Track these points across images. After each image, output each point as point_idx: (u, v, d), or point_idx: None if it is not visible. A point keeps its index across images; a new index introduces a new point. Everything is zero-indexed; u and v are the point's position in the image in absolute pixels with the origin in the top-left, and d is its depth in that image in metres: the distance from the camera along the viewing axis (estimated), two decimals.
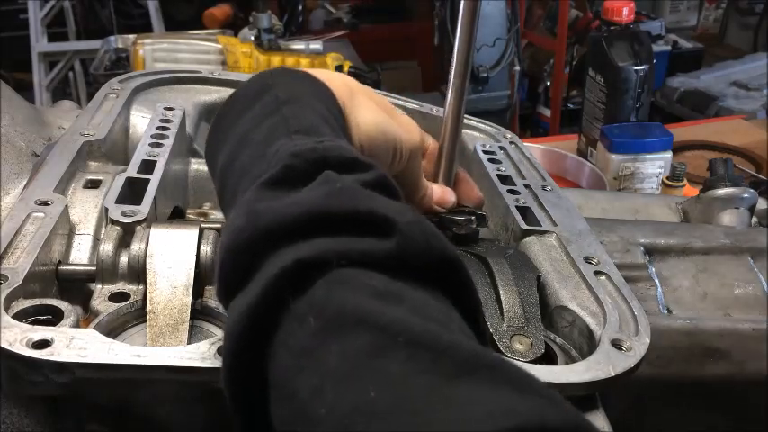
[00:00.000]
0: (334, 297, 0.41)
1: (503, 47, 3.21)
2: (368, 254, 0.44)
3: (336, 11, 4.85)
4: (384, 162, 0.68)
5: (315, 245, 0.44)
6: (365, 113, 0.67)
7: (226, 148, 0.61)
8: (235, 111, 0.63)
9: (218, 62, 2.34)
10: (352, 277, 0.43)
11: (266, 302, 0.43)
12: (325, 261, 0.43)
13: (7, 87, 0.94)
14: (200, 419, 0.60)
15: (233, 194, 0.57)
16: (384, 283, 0.43)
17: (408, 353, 0.37)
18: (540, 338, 0.66)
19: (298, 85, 0.63)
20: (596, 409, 0.60)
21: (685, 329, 0.79)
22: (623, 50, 2.00)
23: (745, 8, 5.08)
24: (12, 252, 0.63)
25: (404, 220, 0.46)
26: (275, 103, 0.60)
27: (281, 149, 0.53)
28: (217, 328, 0.65)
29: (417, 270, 0.45)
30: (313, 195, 0.48)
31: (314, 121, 0.58)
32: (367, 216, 0.46)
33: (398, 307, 0.40)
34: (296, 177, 0.51)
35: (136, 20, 4.70)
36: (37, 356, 0.52)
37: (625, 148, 1.84)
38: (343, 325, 0.39)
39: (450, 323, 0.42)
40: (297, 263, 0.43)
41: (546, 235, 0.80)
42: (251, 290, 0.44)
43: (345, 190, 0.48)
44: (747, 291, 0.86)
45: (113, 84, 1.00)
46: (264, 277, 0.43)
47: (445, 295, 0.45)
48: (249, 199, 0.50)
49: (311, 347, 0.40)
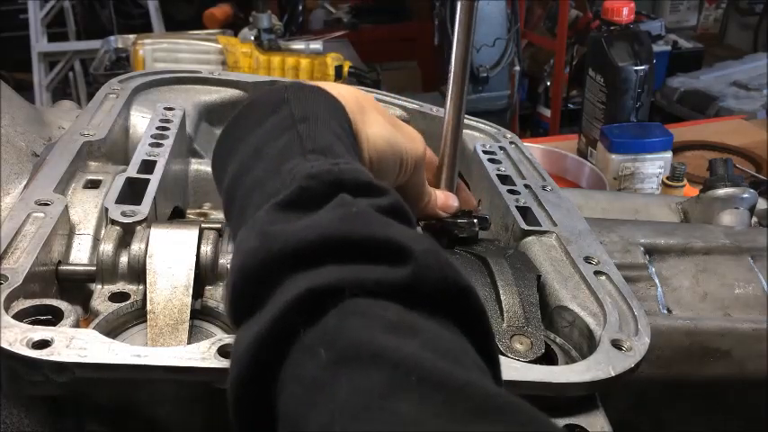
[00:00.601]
0: (347, 329, 0.41)
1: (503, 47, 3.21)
2: (382, 283, 0.44)
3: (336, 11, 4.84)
4: (392, 174, 0.69)
5: (328, 272, 0.44)
6: (374, 128, 0.67)
7: (236, 158, 0.61)
8: (248, 122, 0.63)
9: (218, 62, 2.35)
10: (366, 308, 0.42)
11: (277, 331, 0.42)
12: (338, 290, 0.43)
13: (7, 87, 0.94)
14: (199, 419, 0.60)
15: (242, 208, 0.56)
16: (398, 313, 0.42)
17: (421, 393, 0.36)
18: (540, 338, 0.66)
19: (313, 101, 0.63)
20: (596, 409, 0.60)
21: (685, 329, 0.79)
22: (623, 50, 2.00)
23: (745, 8, 5.09)
24: (12, 252, 0.63)
25: (419, 248, 0.45)
26: (290, 120, 0.60)
27: (295, 169, 0.53)
28: (217, 328, 0.65)
29: (431, 299, 0.44)
30: (328, 219, 0.47)
31: (329, 140, 0.58)
32: (382, 243, 0.46)
33: (412, 341, 0.40)
34: (311, 199, 0.50)
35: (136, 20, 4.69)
36: (37, 356, 0.52)
37: (625, 148, 1.84)
38: (355, 359, 0.39)
39: (464, 357, 0.41)
40: (309, 291, 0.42)
41: (546, 235, 0.80)
42: (262, 317, 0.43)
43: (361, 215, 0.48)
44: (747, 291, 0.86)
45: (113, 84, 1.00)
46: (276, 305, 0.43)
47: (458, 324, 0.45)
48: (263, 220, 0.49)
49: (322, 381, 0.39)
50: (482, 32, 3.14)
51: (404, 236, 0.46)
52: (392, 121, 0.71)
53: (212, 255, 0.67)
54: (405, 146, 0.69)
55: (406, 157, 0.69)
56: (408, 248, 0.45)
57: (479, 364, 0.42)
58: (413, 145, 0.71)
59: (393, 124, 0.71)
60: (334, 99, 0.65)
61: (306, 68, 2.39)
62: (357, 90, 0.71)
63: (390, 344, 0.39)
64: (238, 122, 0.64)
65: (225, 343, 0.55)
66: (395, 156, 0.68)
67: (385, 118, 0.70)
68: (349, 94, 0.68)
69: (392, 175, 0.69)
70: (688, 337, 0.79)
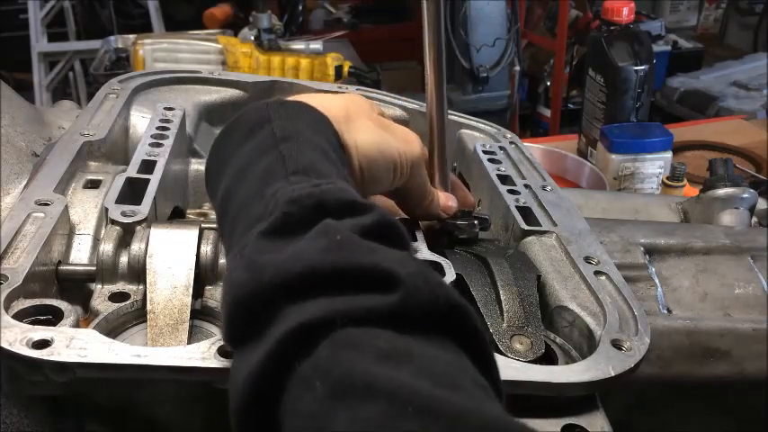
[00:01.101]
0: (340, 360, 0.41)
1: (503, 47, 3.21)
2: (372, 311, 0.44)
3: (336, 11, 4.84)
4: (386, 178, 0.69)
5: (318, 304, 0.44)
6: (362, 135, 0.67)
7: (224, 180, 0.61)
8: (231, 143, 0.63)
9: (218, 62, 2.34)
10: (357, 338, 0.42)
11: (272, 364, 0.43)
12: (328, 322, 0.43)
13: (7, 87, 0.94)
14: (200, 419, 0.60)
15: (230, 231, 0.57)
16: (391, 341, 0.42)
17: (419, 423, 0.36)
18: (540, 338, 0.66)
19: (294, 118, 0.63)
20: (596, 409, 0.60)
21: (685, 329, 0.79)
22: (623, 50, 2.00)
23: (745, 8, 5.08)
24: (12, 252, 0.63)
25: (406, 272, 0.45)
26: (272, 140, 0.60)
27: (278, 193, 0.53)
28: (217, 328, 0.65)
29: (424, 321, 0.44)
30: (312, 249, 0.48)
31: (312, 158, 0.58)
32: (369, 271, 0.46)
33: (407, 368, 0.40)
34: (295, 225, 0.50)
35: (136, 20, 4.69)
36: (37, 356, 0.52)
37: (625, 148, 1.84)
38: (350, 391, 0.39)
39: (462, 379, 0.41)
40: (301, 325, 0.43)
41: (546, 235, 0.80)
42: (257, 350, 0.44)
43: (345, 243, 0.48)
44: (747, 291, 0.86)
45: (113, 84, 1.00)
46: (269, 340, 0.43)
47: (455, 342, 0.45)
48: (250, 250, 0.50)
49: (319, 414, 0.39)
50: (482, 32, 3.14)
51: (390, 261, 0.47)
52: (384, 126, 0.70)
53: (212, 255, 0.67)
54: (398, 149, 0.69)
55: (400, 161, 0.69)
56: (395, 273, 0.45)
57: (478, 381, 0.42)
58: (407, 147, 0.70)
59: (385, 128, 0.70)
60: (317, 113, 0.64)
61: (306, 68, 2.39)
62: (343, 98, 0.71)
63: (384, 373, 0.39)
64: (223, 141, 0.65)
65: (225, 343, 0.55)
66: (387, 161, 0.68)
67: (375, 123, 0.69)
68: (333, 104, 0.67)
69: (386, 179, 0.69)
70: (688, 337, 0.79)
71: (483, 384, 0.43)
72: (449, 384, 0.40)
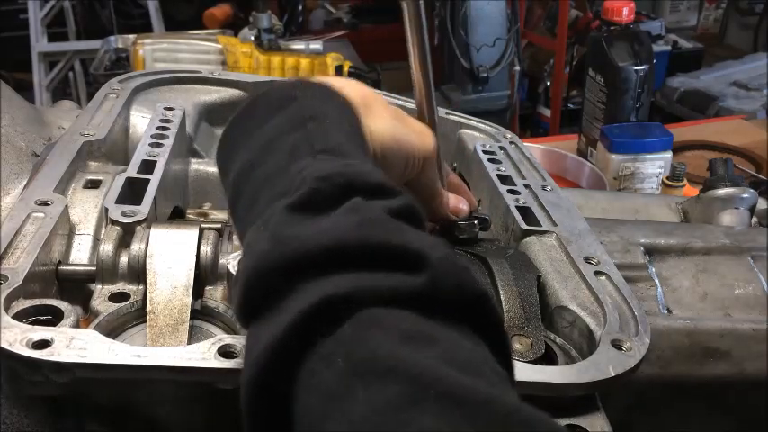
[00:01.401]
0: (364, 339, 0.40)
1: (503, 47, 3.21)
2: (399, 291, 0.43)
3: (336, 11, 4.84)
4: (398, 170, 0.68)
5: (344, 280, 0.43)
6: (379, 122, 0.66)
7: (243, 153, 0.60)
8: (256, 117, 0.62)
9: (218, 62, 2.35)
10: (383, 317, 0.42)
11: (293, 338, 0.42)
12: (354, 299, 0.42)
13: (7, 87, 0.94)
14: (200, 419, 0.60)
15: (251, 204, 0.56)
16: (415, 322, 0.42)
17: (439, 408, 0.36)
18: (540, 338, 0.66)
19: (320, 99, 0.62)
20: (596, 409, 0.60)
21: (685, 329, 0.79)
22: (623, 50, 2.00)
23: (745, 8, 5.08)
24: (12, 252, 0.63)
25: (436, 256, 0.45)
26: (300, 118, 0.59)
27: (306, 170, 0.53)
28: (217, 328, 0.65)
29: (449, 306, 0.44)
30: (343, 224, 0.47)
31: (339, 139, 0.58)
32: (399, 250, 0.45)
33: (430, 351, 0.39)
34: (323, 201, 0.50)
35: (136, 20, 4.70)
36: (37, 356, 0.52)
37: (625, 148, 1.84)
38: (372, 371, 0.38)
39: (483, 367, 0.41)
40: (325, 300, 0.42)
41: (546, 235, 0.80)
42: (277, 322, 0.43)
43: (376, 220, 0.47)
44: (747, 291, 0.86)
45: (113, 84, 1.00)
46: (291, 311, 0.42)
47: (475, 331, 0.45)
48: (274, 222, 0.49)
49: (338, 393, 0.39)
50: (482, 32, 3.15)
51: (420, 242, 0.46)
52: (399, 117, 0.70)
53: (212, 255, 0.67)
54: (412, 141, 0.68)
55: (413, 153, 0.68)
56: (425, 255, 0.45)
57: (498, 371, 0.42)
58: (421, 140, 0.70)
59: (401, 119, 0.70)
60: (341, 96, 0.64)
61: (306, 68, 2.39)
62: (362, 85, 0.70)
63: (408, 356, 0.39)
64: (246, 117, 0.64)
65: (225, 343, 0.55)
66: (401, 151, 0.67)
67: (391, 113, 0.69)
68: (354, 89, 0.67)
69: (399, 171, 0.68)
70: (688, 337, 0.79)
71: (502, 374, 0.42)
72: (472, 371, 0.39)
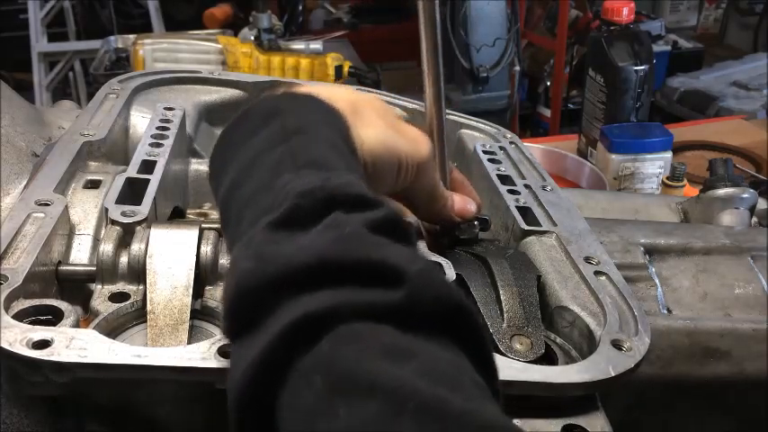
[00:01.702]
0: (342, 355, 0.41)
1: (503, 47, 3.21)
2: (377, 306, 0.43)
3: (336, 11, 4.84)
4: (390, 177, 0.67)
5: (323, 296, 0.44)
6: (369, 131, 0.66)
7: (230, 170, 0.60)
8: (241, 134, 0.62)
9: (218, 62, 2.35)
10: (361, 332, 0.42)
11: (273, 356, 0.42)
12: (332, 314, 0.42)
13: (7, 87, 0.94)
14: (200, 419, 0.60)
15: (237, 222, 0.56)
16: (393, 337, 0.42)
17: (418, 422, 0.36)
18: (540, 338, 0.66)
19: (305, 111, 0.62)
20: (596, 409, 0.60)
21: (685, 329, 0.79)
22: (623, 50, 2.00)
23: (745, 8, 5.08)
24: (12, 252, 0.63)
25: (413, 269, 0.45)
26: (283, 132, 0.59)
27: (288, 185, 0.53)
28: (217, 328, 0.65)
29: (427, 319, 0.44)
30: (321, 241, 0.47)
31: (323, 152, 0.58)
32: (377, 265, 0.45)
33: (408, 366, 0.40)
34: (304, 217, 0.50)
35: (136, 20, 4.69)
36: (37, 356, 0.52)
37: (625, 148, 1.84)
38: (351, 388, 0.39)
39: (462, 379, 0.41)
40: (305, 316, 0.42)
41: (546, 235, 0.80)
42: (258, 340, 0.43)
43: (353, 236, 0.47)
44: (747, 291, 0.86)
45: (113, 84, 1.00)
46: (271, 330, 0.43)
47: (454, 341, 0.45)
48: (257, 240, 0.49)
49: (319, 411, 0.39)
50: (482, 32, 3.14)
51: (398, 256, 0.46)
52: (392, 123, 0.69)
53: (212, 255, 0.67)
54: (404, 148, 0.68)
55: (405, 160, 0.67)
56: (402, 270, 0.45)
57: (477, 383, 0.42)
58: (414, 146, 0.69)
59: (392, 126, 0.69)
60: (328, 106, 0.64)
61: (306, 68, 2.39)
62: (353, 92, 0.70)
63: (386, 371, 0.39)
64: (232, 133, 0.64)
65: (225, 343, 0.55)
66: (392, 159, 0.67)
67: (383, 120, 0.68)
68: (343, 97, 0.67)
69: (391, 178, 0.68)
70: (688, 337, 0.79)
71: (482, 385, 0.43)
72: (450, 385, 0.40)
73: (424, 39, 0.71)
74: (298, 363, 0.41)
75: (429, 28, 0.70)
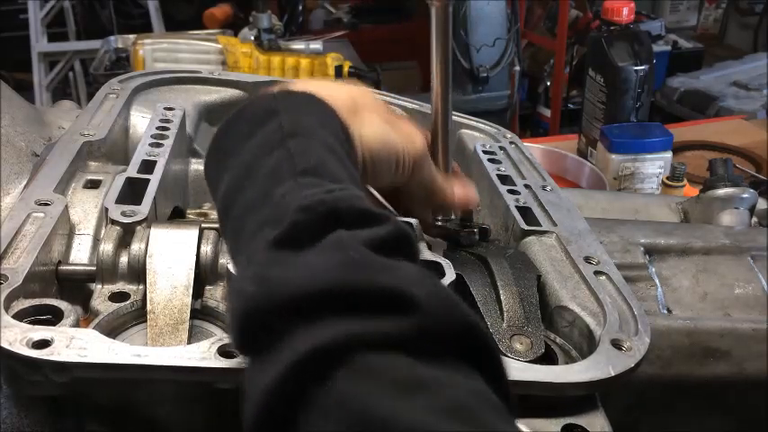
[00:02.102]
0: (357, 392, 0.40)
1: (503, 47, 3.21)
2: (389, 336, 0.43)
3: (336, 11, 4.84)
4: (387, 173, 0.68)
5: (332, 328, 0.43)
6: (367, 128, 0.66)
7: (228, 173, 0.59)
8: (237, 134, 0.61)
9: (218, 62, 2.35)
10: (374, 366, 0.41)
11: (285, 388, 0.42)
12: (344, 346, 0.42)
13: (7, 87, 0.94)
14: (200, 419, 0.60)
15: (236, 231, 0.55)
16: (407, 368, 0.42)
17: None
18: (540, 338, 0.66)
19: (303, 111, 0.61)
20: (596, 409, 0.60)
21: (685, 329, 0.79)
22: (623, 50, 2.00)
23: (745, 8, 5.09)
24: (12, 252, 0.63)
25: (423, 293, 0.45)
26: (280, 134, 0.58)
27: (287, 196, 0.52)
28: (217, 328, 0.65)
29: (441, 345, 0.44)
30: (327, 265, 0.46)
31: (321, 156, 0.57)
32: (386, 292, 0.45)
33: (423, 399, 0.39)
34: (306, 235, 0.49)
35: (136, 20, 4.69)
36: (37, 356, 0.52)
37: (625, 148, 1.84)
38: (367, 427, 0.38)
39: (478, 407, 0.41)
40: (315, 350, 0.42)
41: (546, 235, 0.80)
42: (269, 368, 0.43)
43: (360, 261, 0.47)
44: (747, 291, 0.86)
45: (113, 84, 1.00)
46: (282, 358, 0.42)
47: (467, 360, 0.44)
48: (258, 259, 0.49)
49: None
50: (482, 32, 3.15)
51: (407, 280, 0.46)
52: (389, 120, 0.69)
53: (212, 255, 0.67)
54: (400, 145, 0.68)
55: (402, 156, 0.68)
56: (413, 295, 0.44)
57: (495, 405, 0.42)
58: (410, 143, 0.69)
59: (389, 122, 0.69)
60: (325, 105, 0.63)
61: (306, 68, 2.39)
62: (351, 88, 0.70)
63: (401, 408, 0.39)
64: (228, 133, 0.63)
65: (225, 343, 0.55)
66: (389, 155, 0.67)
67: (381, 116, 0.68)
68: (341, 94, 0.66)
69: (388, 175, 0.68)
70: (688, 337, 0.79)
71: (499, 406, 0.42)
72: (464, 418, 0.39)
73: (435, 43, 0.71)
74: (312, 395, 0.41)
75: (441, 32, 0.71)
